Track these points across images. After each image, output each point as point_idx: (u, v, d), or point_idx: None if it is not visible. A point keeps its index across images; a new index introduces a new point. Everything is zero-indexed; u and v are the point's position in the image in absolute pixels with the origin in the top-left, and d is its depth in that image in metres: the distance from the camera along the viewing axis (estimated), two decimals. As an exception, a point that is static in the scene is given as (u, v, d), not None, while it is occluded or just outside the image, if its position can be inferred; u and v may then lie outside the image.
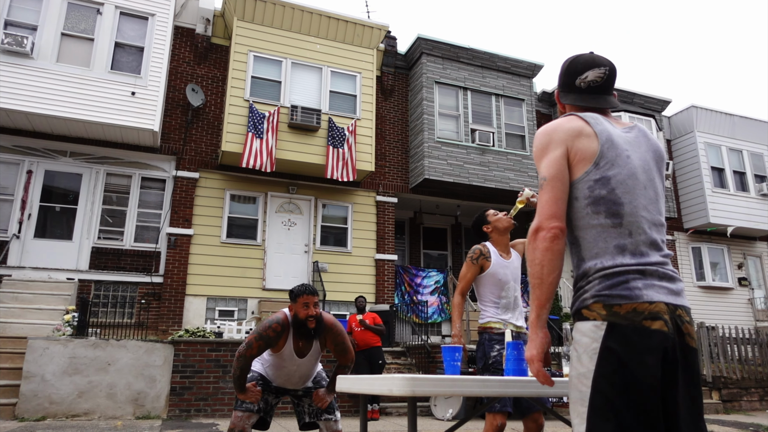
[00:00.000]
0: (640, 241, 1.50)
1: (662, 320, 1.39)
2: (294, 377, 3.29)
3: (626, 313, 1.39)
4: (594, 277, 1.47)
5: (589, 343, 1.41)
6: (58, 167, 9.60)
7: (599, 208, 1.53)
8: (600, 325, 1.40)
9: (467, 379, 1.67)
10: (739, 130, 15.10)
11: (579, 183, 1.56)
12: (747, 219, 14.31)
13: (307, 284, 3.18)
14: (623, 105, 13.46)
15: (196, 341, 7.38)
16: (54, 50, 9.08)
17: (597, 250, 1.50)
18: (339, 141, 10.46)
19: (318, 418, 3.31)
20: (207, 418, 7.08)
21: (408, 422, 1.67)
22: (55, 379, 6.61)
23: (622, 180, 1.55)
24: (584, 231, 1.54)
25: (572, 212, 1.57)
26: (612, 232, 1.50)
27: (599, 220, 1.52)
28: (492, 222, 3.45)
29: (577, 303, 1.50)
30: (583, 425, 1.39)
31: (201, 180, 10.32)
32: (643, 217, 1.54)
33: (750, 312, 14.64)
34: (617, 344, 1.37)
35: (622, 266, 1.46)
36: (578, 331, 1.46)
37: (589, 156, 1.57)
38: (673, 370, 1.39)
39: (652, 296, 1.41)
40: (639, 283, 1.43)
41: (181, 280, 9.66)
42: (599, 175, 1.55)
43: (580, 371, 1.42)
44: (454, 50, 12.20)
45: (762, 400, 9.89)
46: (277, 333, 3.10)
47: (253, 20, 10.61)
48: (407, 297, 11.59)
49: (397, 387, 1.58)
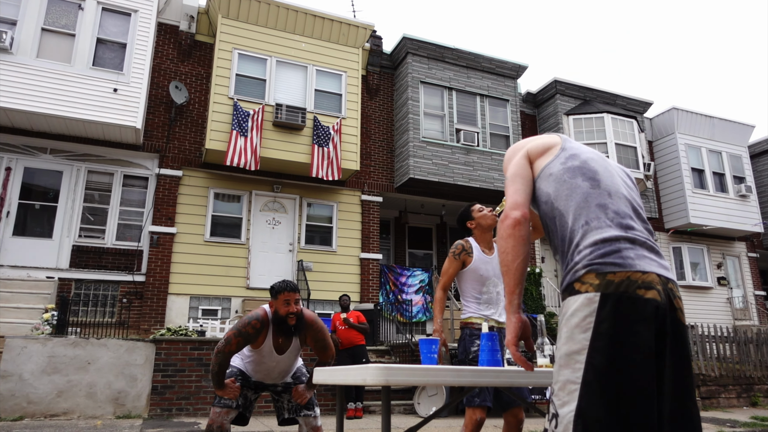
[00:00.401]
0: (620, 203, 1.53)
1: (656, 290, 1.37)
2: (273, 373, 3.29)
3: (620, 281, 1.36)
4: (584, 246, 1.45)
5: (583, 318, 1.37)
6: (38, 164, 9.46)
7: (575, 173, 1.59)
8: (593, 297, 1.37)
9: (441, 369, 1.69)
10: (718, 132, 15.39)
11: (552, 163, 1.65)
12: (726, 219, 14.58)
13: (288, 281, 3.15)
14: (605, 107, 13.63)
15: (178, 340, 7.31)
16: (34, 45, 8.94)
17: (580, 211, 1.51)
18: (324, 140, 10.44)
19: (297, 414, 3.30)
20: (189, 417, 7.02)
21: (382, 411, 1.68)
22: (33, 379, 6.51)
23: (591, 158, 1.67)
24: (565, 199, 1.55)
25: (550, 187, 1.60)
26: (591, 192, 1.53)
27: (577, 182, 1.56)
28: (476, 218, 3.45)
29: (568, 277, 1.47)
30: (573, 403, 1.34)
31: (184, 178, 10.23)
32: (620, 188, 1.59)
33: (729, 311, 14.92)
34: (611, 315, 1.34)
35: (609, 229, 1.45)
36: (569, 307, 1.42)
37: (554, 143, 1.71)
38: (662, 343, 1.36)
39: (645, 266, 1.40)
40: (631, 252, 1.42)
41: (164, 279, 9.57)
42: (569, 153, 1.67)
43: (572, 348, 1.38)
44: (439, 50, 12.25)
45: (739, 397, 10.08)
46: (256, 330, 3.08)
47: (238, 18, 10.55)
48: (392, 296, 11.61)
49: (371, 376, 1.59)
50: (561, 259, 1.55)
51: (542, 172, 1.66)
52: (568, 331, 1.40)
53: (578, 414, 1.32)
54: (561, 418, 1.36)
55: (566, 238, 1.52)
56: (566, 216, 1.53)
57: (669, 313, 1.38)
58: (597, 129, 13.28)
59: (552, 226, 1.59)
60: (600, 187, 1.55)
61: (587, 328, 1.36)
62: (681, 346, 1.39)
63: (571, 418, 1.33)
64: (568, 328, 1.41)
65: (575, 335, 1.38)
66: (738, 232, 15.13)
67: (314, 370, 2.22)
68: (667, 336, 1.36)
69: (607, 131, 13.17)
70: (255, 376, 3.34)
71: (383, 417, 1.67)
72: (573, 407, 1.34)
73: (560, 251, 1.56)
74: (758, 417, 8.26)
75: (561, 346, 1.42)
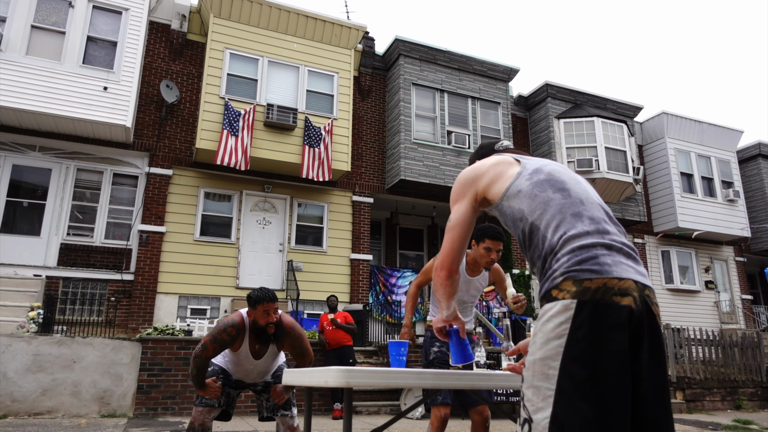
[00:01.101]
0: (593, 209, 1.55)
1: (631, 297, 1.37)
2: (252, 374, 3.33)
3: (596, 288, 1.37)
4: (562, 254, 1.46)
5: (558, 324, 1.38)
6: (27, 162, 9.43)
7: (545, 186, 1.60)
8: (569, 305, 1.38)
9: (402, 371, 1.72)
10: (707, 137, 15.52)
11: (516, 181, 1.66)
12: (714, 224, 14.71)
13: (267, 289, 3.13)
14: (596, 110, 13.73)
15: (165, 339, 7.32)
16: (23, 43, 8.92)
17: (556, 222, 1.51)
18: (315, 140, 10.46)
19: (275, 413, 3.35)
20: (174, 416, 7.02)
21: (344, 411, 1.71)
22: (17, 377, 6.50)
23: (555, 169, 1.68)
24: (537, 213, 1.56)
25: (523, 204, 1.60)
26: (565, 202, 1.55)
27: (549, 195, 1.58)
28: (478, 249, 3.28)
29: (546, 285, 1.48)
30: (548, 410, 1.35)
31: (174, 177, 10.22)
32: (590, 194, 1.61)
33: (716, 314, 15.04)
34: (587, 322, 1.35)
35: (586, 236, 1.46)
36: (546, 314, 1.43)
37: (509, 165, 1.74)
38: (638, 347, 1.37)
39: (621, 273, 1.40)
40: (608, 258, 1.43)
41: (153, 278, 9.56)
42: (531, 168, 1.68)
43: (547, 354, 1.38)
44: (431, 52, 12.30)
45: (724, 400, 10.18)
46: (231, 337, 3.10)
47: (230, 17, 10.56)
48: (382, 297, 11.64)
49: (333, 378, 1.63)
50: (539, 270, 1.55)
51: (508, 192, 1.66)
52: (542, 337, 1.41)
53: (553, 420, 1.33)
54: (535, 424, 1.37)
55: (544, 250, 1.52)
56: (543, 229, 1.53)
57: (646, 318, 1.38)
58: (587, 133, 13.37)
59: (529, 241, 1.59)
60: (571, 196, 1.57)
61: (562, 335, 1.36)
62: (657, 350, 1.41)
63: (546, 425, 1.34)
64: (543, 333, 1.41)
65: (550, 341, 1.38)
66: (726, 237, 15.26)
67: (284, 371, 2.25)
68: (643, 340, 1.37)
69: (598, 135, 13.26)
70: (235, 375, 3.38)
71: (345, 417, 1.71)
72: (548, 414, 1.34)
73: (539, 263, 1.56)
74: (741, 420, 8.35)
75: (535, 351, 1.42)
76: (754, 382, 10.61)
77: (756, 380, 10.62)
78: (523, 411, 1.44)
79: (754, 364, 10.71)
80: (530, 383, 1.42)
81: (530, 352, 1.44)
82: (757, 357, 10.79)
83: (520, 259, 12.87)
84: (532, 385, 1.41)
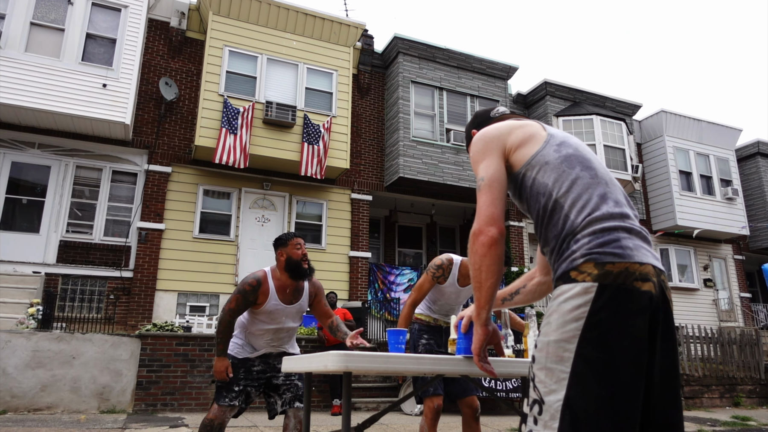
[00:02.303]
0: (617, 192, 1.51)
1: (651, 282, 1.36)
2: (282, 330, 3.30)
3: (618, 272, 1.35)
4: (583, 235, 1.42)
5: (576, 306, 1.35)
6: (26, 159, 9.43)
7: (573, 162, 1.54)
8: (590, 287, 1.34)
9: (402, 356, 1.73)
10: (706, 135, 15.54)
11: (543, 150, 1.58)
12: (713, 222, 14.73)
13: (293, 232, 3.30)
14: (595, 109, 13.74)
15: (164, 335, 7.32)
16: (23, 40, 8.92)
17: (582, 202, 1.46)
18: (314, 138, 10.47)
19: (290, 405, 3.29)
20: (173, 412, 7.03)
21: (343, 396, 1.72)
22: (17, 373, 6.50)
23: (579, 144, 1.63)
24: (565, 189, 1.50)
25: (548, 177, 1.53)
26: (592, 182, 1.50)
27: (577, 172, 1.51)
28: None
29: (564, 264, 1.42)
30: (562, 392, 1.33)
31: (173, 174, 10.23)
32: (612, 177, 1.57)
33: (714, 312, 15.07)
34: (608, 306, 1.32)
35: (610, 219, 1.43)
36: (563, 294, 1.39)
37: (537, 130, 1.65)
38: (654, 332, 1.36)
39: (642, 257, 1.38)
40: (629, 242, 1.40)
41: (152, 275, 9.57)
42: (559, 140, 1.61)
43: (562, 337, 1.35)
44: (430, 50, 12.31)
45: (722, 397, 10.20)
46: (253, 288, 3.14)
47: (229, 15, 10.56)
48: (380, 294, 11.66)
49: (332, 363, 1.64)
50: (555, 249, 1.49)
51: (534, 160, 1.57)
52: (558, 318, 1.37)
53: (566, 404, 1.32)
54: (547, 406, 1.35)
55: (565, 230, 1.47)
56: (567, 208, 1.48)
57: (662, 304, 1.38)
58: (586, 131, 13.39)
59: (548, 219, 1.52)
60: (598, 176, 1.52)
61: (580, 317, 1.33)
62: (670, 336, 1.40)
63: (558, 407, 1.32)
64: (559, 314, 1.38)
65: (567, 324, 1.35)
66: (725, 235, 15.29)
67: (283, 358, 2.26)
68: (659, 326, 1.37)
69: (596, 133, 13.28)
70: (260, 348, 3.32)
71: (344, 403, 1.72)
72: (561, 396, 1.33)
73: (554, 242, 1.50)
74: (739, 416, 8.38)
75: (550, 332, 1.39)
76: (753, 380, 10.63)
77: (754, 377, 10.65)
78: (533, 392, 1.42)
79: (753, 362, 10.74)
80: (543, 364, 1.39)
81: (543, 332, 1.42)
82: (756, 354, 10.81)
83: (518, 256, 12.88)
84: (545, 366, 1.38)
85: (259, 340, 3.31)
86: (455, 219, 14.25)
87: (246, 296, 3.14)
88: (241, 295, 3.14)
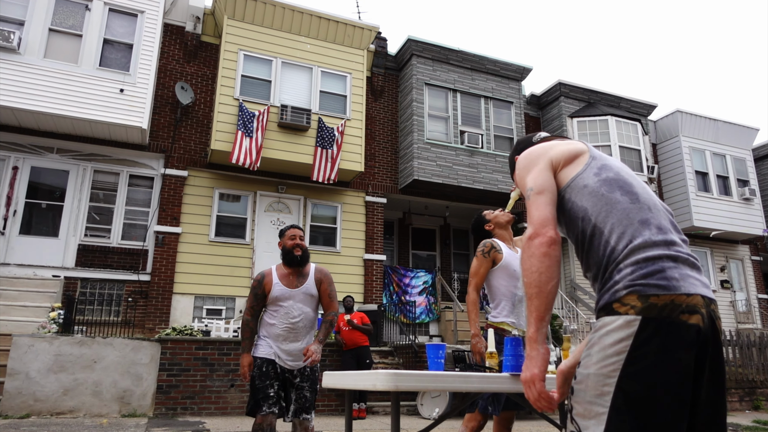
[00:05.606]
0: (660, 216, 1.46)
1: (699, 314, 1.31)
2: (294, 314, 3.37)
3: (663, 305, 1.30)
4: (625, 264, 1.37)
5: (618, 340, 1.31)
6: (45, 164, 9.53)
7: (613, 187, 1.50)
8: (632, 321, 1.30)
9: (449, 375, 1.72)
10: (722, 135, 15.37)
11: (583, 173, 1.56)
12: (730, 223, 14.56)
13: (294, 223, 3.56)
14: (609, 109, 13.64)
15: (184, 339, 7.37)
16: (41, 46, 9.01)
17: (621, 228, 1.42)
18: (328, 141, 10.48)
19: (297, 416, 3.36)
20: (193, 416, 7.07)
21: (391, 417, 1.72)
22: (40, 377, 6.57)
23: (621, 167, 1.60)
24: (604, 214, 1.46)
25: (586, 201, 1.50)
26: (632, 207, 1.45)
27: (617, 197, 1.47)
28: (492, 219, 3.48)
29: (606, 296, 1.38)
30: (600, 427, 1.30)
31: (190, 178, 10.29)
32: (656, 200, 1.53)
33: (732, 314, 14.90)
34: (651, 341, 1.28)
35: (653, 248, 1.38)
36: (605, 327, 1.35)
37: (581, 150, 1.62)
38: (701, 366, 1.31)
39: (689, 288, 1.33)
40: (675, 272, 1.34)
41: (169, 279, 9.63)
42: (600, 162, 1.58)
43: (602, 371, 1.32)
44: (444, 52, 12.28)
45: (742, 401, 10.08)
46: (258, 282, 3.45)
47: (244, 19, 10.60)
48: (395, 297, 11.65)
49: (381, 382, 1.63)
50: (598, 277, 1.45)
51: (573, 183, 1.55)
52: (600, 352, 1.34)
53: None
54: None
55: (606, 257, 1.43)
56: (606, 234, 1.44)
57: (711, 336, 1.33)
58: (601, 131, 13.29)
59: (588, 245, 1.48)
60: (639, 201, 1.47)
61: (622, 351, 1.30)
62: (719, 369, 1.35)
63: None
64: (600, 347, 1.34)
65: (608, 357, 1.31)
66: (742, 236, 15.11)
67: (323, 374, 2.25)
68: (707, 359, 1.32)
69: (611, 134, 13.18)
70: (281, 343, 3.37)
71: (392, 420, 1.71)
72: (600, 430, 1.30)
73: (597, 270, 1.46)
74: (760, 421, 8.27)
75: (590, 364, 1.35)
76: (773, 383, 10.49)
77: (774, 381, 10.51)
78: (571, 424, 1.40)
79: (773, 365, 10.60)
80: (582, 398, 1.36)
81: (584, 363, 1.38)
82: (776, 357, 10.67)
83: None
84: (585, 400, 1.35)
85: (276, 329, 3.41)
86: (469, 221, 14.11)
87: (254, 291, 3.44)
88: (251, 291, 3.48)
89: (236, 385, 7.36)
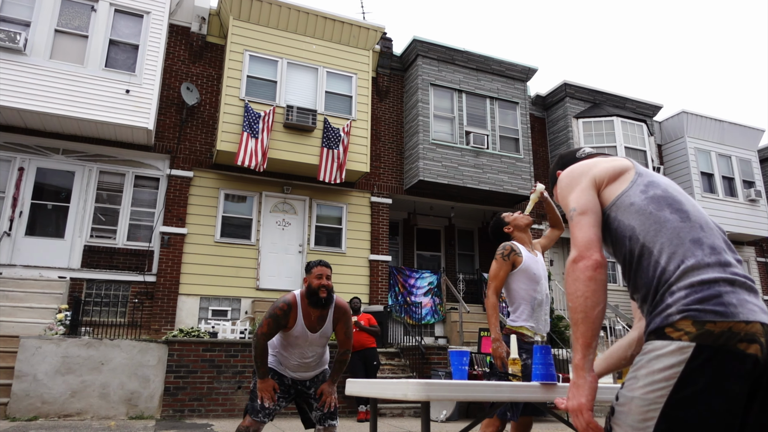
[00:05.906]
0: (713, 236, 1.40)
1: (758, 344, 1.25)
2: (307, 356, 3.36)
3: (720, 332, 1.24)
4: (679, 287, 1.32)
5: (668, 366, 1.26)
6: (51, 165, 9.52)
7: (661, 205, 1.45)
8: (685, 347, 1.25)
9: (479, 384, 1.70)
10: (728, 136, 15.33)
11: (629, 191, 1.51)
12: (736, 224, 14.52)
13: (322, 259, 3.40)
14: (615, 110, 13.60)
15: (191, 341, 7.35)
16: (47, 47, 9.00)
17: (672, 248, 1.37)
18: (334, 142, 10.46)
19: (322, 423, 3.38)
20: (201, 418, 7.05)
21: (421, 425, 1.69)
22: (47, 379, 6.56)
23: (670, 184, 1.54)
24: (653, 233, 1.41)
25: (634, 220, 1.45)
26: (683, 226, 1.40)
27: (666, 215, 1.42)
28: (511, 222, 3.45)
29: (657, 320, 1.33)
30: None
31: (195, 179, 10.27)
32: (707, 218, 1.47)
33: (737, 315, 14.84)
34: (704, 369, 1.23)
35: (707, 270, 1.32)
36: (655, 350, 1.30)
37: (626, 167, 1.58)
38: (751, 399, 1.26)
39: (748, 315, 1.27)
40: (732, 297, 1.29)
41: (175, 280, 9.61)
42: (647, 179, 1.53)
43: (648, 397, 1.27)
44: (449, 53, 12.25)
45: None
46: (284, 311, 3.24)
47: (249, 19, 10.58)
48: (401, 298, 11.62)
49: (413, 392, 1.61)
50: (647, 299, 1.40)
51: (618, 201, 1.51)
52: (647, 376, 1.29)
53: None
54: None
55: (656, 278, 1.38)
56: (656, 254, 1.38)
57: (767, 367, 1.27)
58: (606, 132, 13.25)
59: (636, 265, 1.43)
60: (690, 219, 1.41)
61: (671, 378, 1.25)
62: None
63: None
64: (647, 371, 1.30)
65: (655, 383, 1.27)
66: (747, 237, 15.06)
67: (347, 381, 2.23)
68: (760, 390, 1.27)
69: (617, 135, 13.15)
70: (291, 368, 3.39)
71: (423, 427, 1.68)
72: None
73: (647, 292, 1.40)
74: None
75: (635, 388, 1.31)
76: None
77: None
78: None
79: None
80: (623, 421, 1.32)
81: (628, 386, 1.34)
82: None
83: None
84: (626, 423, 1.31)
85: (288, 360, 3.40)
86: (474, 222, 14.18)
87: (278, 320, 3.23)
88: (273, 319, 3.22)
89: (243, 387, 7.34)
